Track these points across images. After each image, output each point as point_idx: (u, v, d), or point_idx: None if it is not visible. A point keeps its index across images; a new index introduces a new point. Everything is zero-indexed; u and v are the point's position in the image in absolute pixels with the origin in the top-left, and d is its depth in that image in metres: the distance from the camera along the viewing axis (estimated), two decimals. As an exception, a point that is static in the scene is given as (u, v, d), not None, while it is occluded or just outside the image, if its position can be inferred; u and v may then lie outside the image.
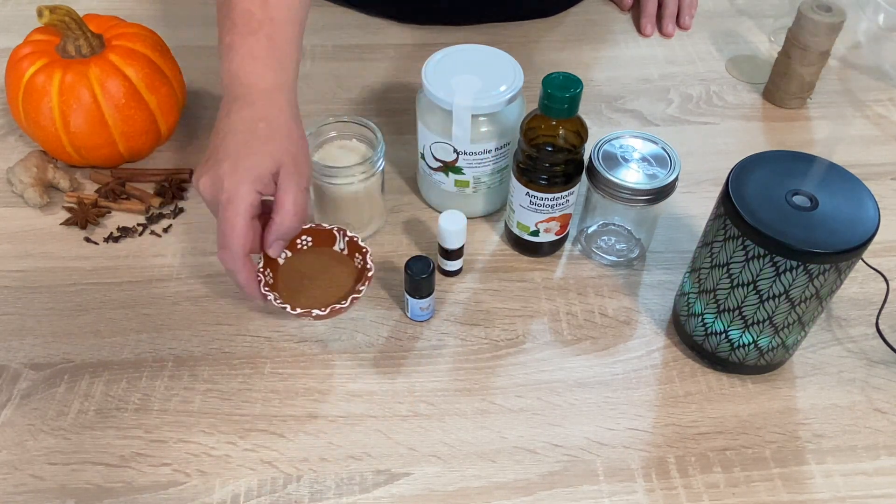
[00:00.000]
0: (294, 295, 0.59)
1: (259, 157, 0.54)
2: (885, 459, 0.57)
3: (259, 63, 0.58)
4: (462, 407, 0.59)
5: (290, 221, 0.56)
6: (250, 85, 0.58)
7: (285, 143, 0.56)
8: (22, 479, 0.54)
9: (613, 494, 0.54)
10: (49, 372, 0.60)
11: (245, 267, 0.55)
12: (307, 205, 0.57)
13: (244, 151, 0.55)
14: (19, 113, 0.70)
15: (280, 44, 0.60)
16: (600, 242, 0.70)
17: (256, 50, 0.58)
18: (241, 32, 0.59)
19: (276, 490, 0.54)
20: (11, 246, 0.69)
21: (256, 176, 0.54)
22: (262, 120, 0.56)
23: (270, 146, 0.55)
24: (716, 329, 0.58)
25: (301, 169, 0.56)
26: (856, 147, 0.81)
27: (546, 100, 0.58)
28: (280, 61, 0.59)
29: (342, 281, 0.60)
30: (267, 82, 0.58)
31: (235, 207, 0.53)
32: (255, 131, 0.56)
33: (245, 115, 0.56)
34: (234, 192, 0.53)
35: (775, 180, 0.53)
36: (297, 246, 0.61)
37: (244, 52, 0.58)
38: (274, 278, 0.59)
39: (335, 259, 0.61)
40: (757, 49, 0.94)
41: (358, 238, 0.60)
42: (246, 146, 0.55)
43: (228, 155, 0.55)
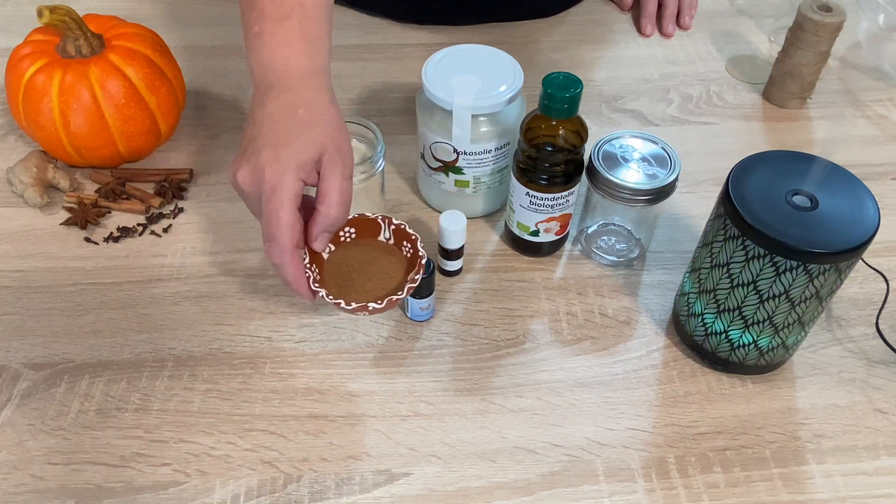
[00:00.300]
0: (343, 290, 0.56)
1: (301, 144, 0.52)
2: (885, 459, 0.57)
3: (293, 49, 0.56)
4: (462, 407, 0.59)
5: (337, 212, 0.53)
6: (286, 71, 0.55)
7: (327, 128, 0.54)
8: (22, 479, 0.54)
9: (613, 494, 0.54)
10: (49, 372, 0.60)
11: (293, 260, 0.52)
12: (352, 193, 0.54)
13: (285, 139, 0.52)
14: (19, 113, 0.70)
15: (312, 29, 0.57)
16: (600, 242, 0.70)
17: (289, 36, 0.56)
18: (270, 19, 0.56)
19: (276, 490, 0.54)
20: (11, 246, 0.69)
21: (299, 163, 0.51)
22: (301, 106, 0.54)
23: (312, 132, 0.53)
24: (716, 329, 0.58)
25: (344, 155, 0.54)
26: (856, 147, 0.81)
27: (546, 100, 0.58)
28: (314, 46, 0.57)
29: (392, 271, 0.57)
30: (302, 67, 0.56)
31: (280, 197, 0.51)
32: (295, 118, 0.53)
33: (282, 101, 0.54)
34: (277, 181, 0.51)
35: (775, 180, 0.53)
36: (341, 238, 0.59)
37: (276, 39, 0.56)
38: (320, 274, 0.57)
39: (382, 249, 0.58)
40: (757, 49, 0.94)
41: (405, 226, 0.57)
42: (286, 133, 0.52)
43: (268, 143, 0.52)
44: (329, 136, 0.53)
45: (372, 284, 0.57)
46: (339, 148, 0.54)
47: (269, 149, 0.52)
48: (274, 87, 0.55)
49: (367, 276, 0.57)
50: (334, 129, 0.54)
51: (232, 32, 0.93)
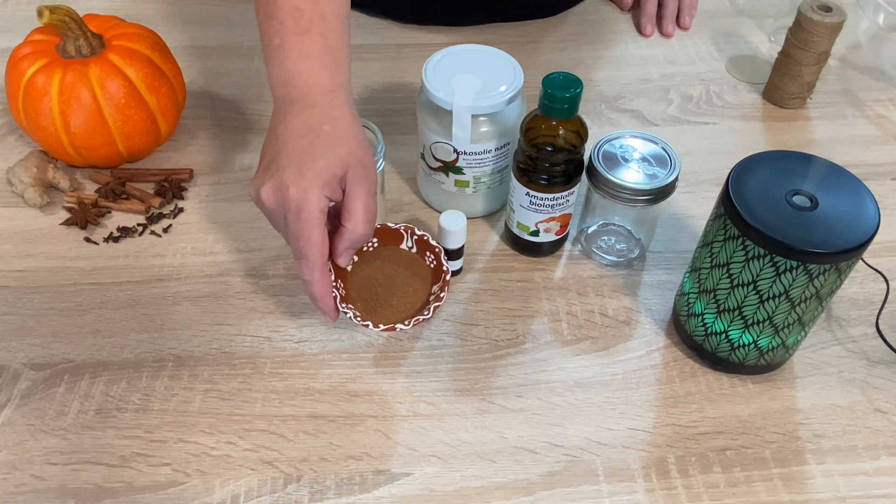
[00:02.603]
0: (369, 305, 0.56)
1: (326, 161, 0.51)
2: (885, 459, 0.57)
3: (314, 63, 0.55)
4: (462, 407, 0.59)
5: (363, 228, 0.53)
6: (308, 87, 0.55)
7: (351, 145, 0.53)
8: (22, 479, 0.54)
9: (613, 494, 0.54)
10: (49, 372, 0.60)
11: (323, 278, 0.53)
12: (377, 210, 0.54)
13: (309, 156, 0.51)
14: (19, 113, 0.70)
15: (333, 42, 0.56)
16: (600, 242, 0.70)
17: (310, 50, 0.55)
18: (291, 32, 0.55)
19: (276, 490, 0.54)
20: (11, 246, 0.69)
21: (325, 181, 0.51)
22: (325, 122, 0.53)
23: (337, 150, 0.52)
24: (716, 329, 0.58)
25: (369, 172, 0.54)
26: (856, 147, 0.81)
27: (546, 100, 0.58)
28: (335, 60, 0.56)
29: (417, 284, 0.58)
30: (325, 83, 0.55)
31: (308, 216, 0.50)
32: (319, 134, 0.53)
33: (306, 118, 0.53)
34: (303, 199, 0.50)
35: (775, 180, 0.53)
36: (364, 249, 0.59)
37: (297, 53, 0.55)
38: (346, 289, 0.57)
39: (406, 260, 0.59)
40: (757, 49, 0.94)
41: (428, 237, 0.57)
42: (311, 150, 0.52)
43: (292, 161, 0.51)
44: (353, 153, 0.53)
45: (397, 300, 0.57)
46: (363, 164, 0.53)
47: (293, 167, 0.51)
48: (296, 103, 0.54)
49: (392, 289, 0.57)
50: (358, 146, 0.54)
51: (232, 32, 0.93)
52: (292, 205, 0.51)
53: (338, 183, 0.52)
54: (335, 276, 0.56)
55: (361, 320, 0.54)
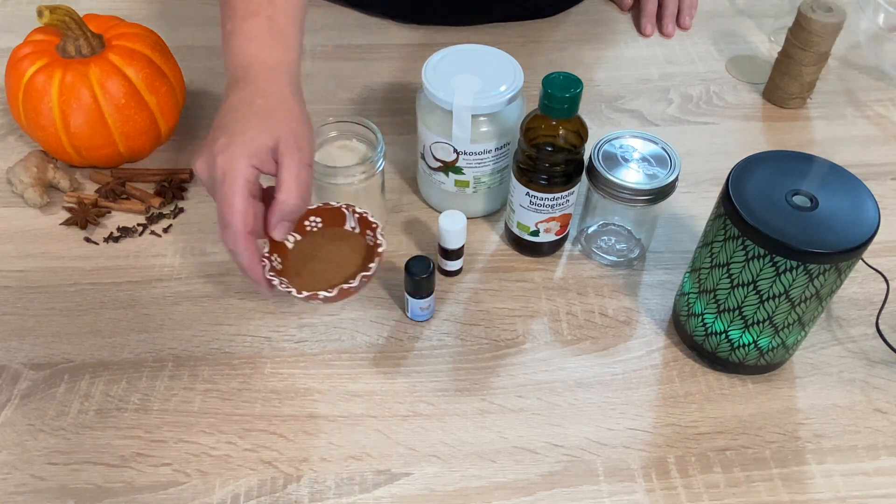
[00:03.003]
0: (303, 279, 0.56)
1: (254, 132, 0.52)
2: (885, 459, 0.57)
3: (258, 44, 0.57)
4: (462, 407, 0.59)
5: (294, 199, 0.52)
6: (249, 66, 0.56)
7: (284, 117, 0.54)
8: (22, 479, 0.54)
9: (613, 494, 0.54)
10: (49, 372, 0.60)
11: (247, 248, 0.52)
12: (311, 182, 0.54)
13: (240, 127, 0.53)
14: (19, 113, 0.70)
15: (280, 25, 0.58)
16: (600, 242, 0.70)
17: (256, 32, 0.57)
18: (241, 17, 0.58)
19: (276, 490, 0.54)
20: (11, 246, 0.69)
21: (252, 150, 0.51)
22: (259, 96, 0.54)
23: (268, 122, 0.53)
24: (716, 329, 0.58)
25: (302, 144, 0.54)
26: (856, 147, 0.81)
27: (546, 100, 0.58)
28: (280, 42, 0.58)
29: (354, 261, 0.57)
30: (266, 62, 0.57)
31: (232, 183, 0.51)
32: (252, 107, 0.54)
33: (244, 93, 0.55)
34: (228, 167, 0.51)
35: (775, 180, 0.53)
36: (307, 228, 0.59)
37: (244, 36, 0.57)
38: (283, 264, 0.57)
39: (346, 238, 0.58)
40: (757, 49, 0.94)
41: (368, 214, 0.57)
42: (242, 122, 0.53)
43: (224, 132, 0.53)
44: (285, 125, 0.53)
45: (331, 274, 0.56)
46: (296, 136, 0.53)
47: (224, 137, 0.52)
48: (238, 81, 0.56)
49: (328, 265, 0.57)
50: (292, 119, 0.54)
51: (232, 32, 0.93)
52: (219, 173, 0.51)
53: (267, 153, 0.52)
54: (273, 251, 0.56)
55: (287, 286, 0.54)
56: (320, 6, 0.98)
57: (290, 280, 0.55)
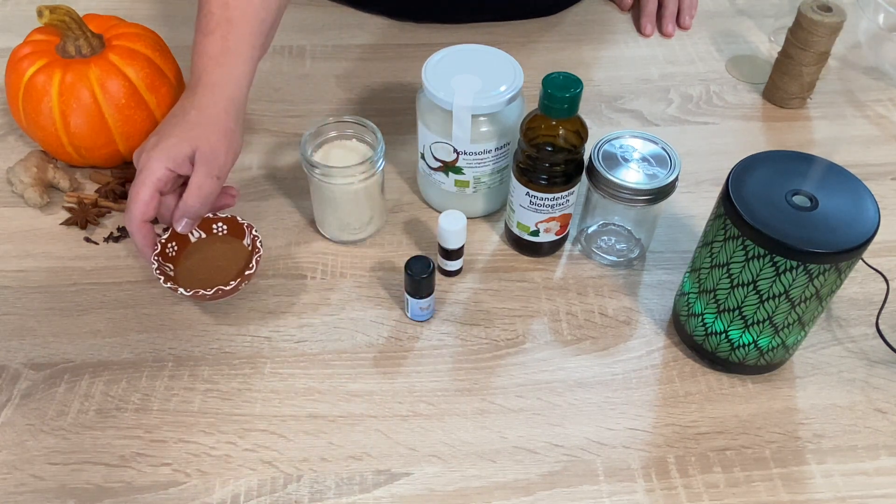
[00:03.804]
0: (190, 274, 0.63)
1: (178, 139, 0.59)
2: (885, 459, 0.57)
3: (209, 60, 0.63)
4: (462, 407, 0.59)
5: (192, 201, 0.60)
6: (199, 79, 0.62)
7: (208, 131, 0.60)
8: (22, 479, 0.54)
9: (613, 494, 0.54)
10: (49, 372, 0.60)
11: (140, 231, 0.60)
12: (213, 191, 0.61)
13: (168, 132, 0.60)
14: (19, 113, 0.70)
15: (233, 44, 0.63)
16: (600, 242, 0.70)
17: (210, 49, 0.63)
18: (202, 32, 0.64)
19: (276, 490, 0.54)
20: (11, 246, 0.69)
21: (171, 155, 0.59)
22: (194, 108, 0.61)
23: (194, 132, 0.60)
24: (716, 329, 0.58)
25: (215, 157, 0.60)
26: (856, 147, 0.81)
27: (546, 100, 0.58)
28: (230, 60, 0.63)
29: (240, 268, 0.64)
30: (212, 77, 0.62)
31: (143, 178, 0.58)
32: (185, 117, 0.61)
33: (185, 102, 0.62)
34: (146, 164, 0.59)
35: (775, 180, 0.53)
36: (213, 231, 0.66)
37: (200, 51, 0.63)
38: (178, 252, 0.64)
39: (240, 251, 0.65)
40: (757, 49, 0.94)
41: (259, 238, 0.64)
42: (173, 128, 0.60)
43: (157, 134, 0.61)
44: (206, 138, 0.60)
45: (214, 275, 0.63)
46: (213, 150, 0.60)
47: (155, 137, 0.61)
48: (187, 91, 0.63)
49: (217, 268, 0.64)
50: (213, 133, 0.61)
51: (232, 32, 0.93)
52: (140, 167, 0.60)
53: (185, 159, 0.59)
54: (173, 239, 0.64)
55: (171, 284, 0.60)
56: (320, 6, 0.98)
57: (179, 269, 0.64)
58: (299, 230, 0.71)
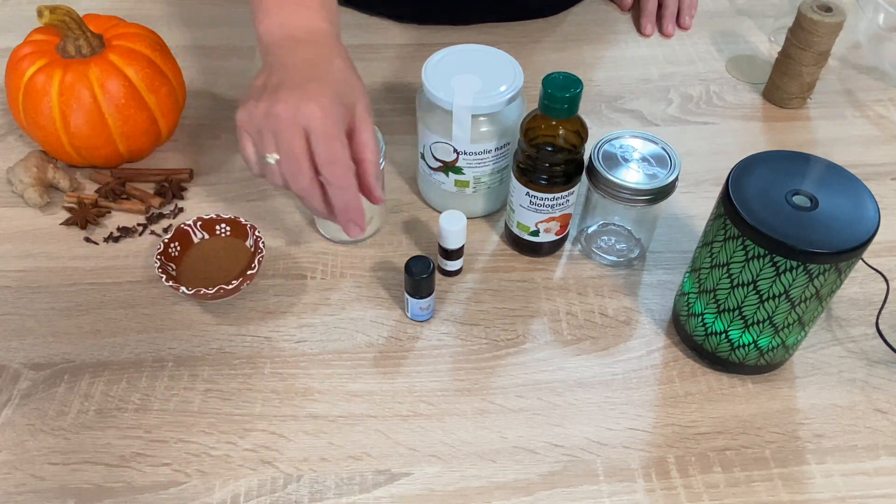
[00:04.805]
0: (193, 273, 0.64)
1: (345, 87, 0.54)
2: (885, 459, 0.57)
3: (313, 13, 0.58)
4: (462, 407, 0.59)
5: (376, 157, 0.55)
6: (311, 30, 0.57)
7: (358, 84, 0.56)
8: (22, 479, 0.54)
9: (613, 494, 0.54)
10: (49, 372, 0.60)
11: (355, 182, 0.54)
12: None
13: (330, 79, 0.53)
14: (19, 113, 0.70)
15: (328, 3, 0.60)
16: (600, 242, 0.70)
17: (313, 4, 0.59)
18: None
19: (276, 490, 0.54)
20: (11, 246, 0.69)
21: (346, 104, 0.53)
22: (335, 58, 0.56)
23: (350, 82, 0.55)
24: (716, 329, 0.58)
25: (370, 110, 0.56)
26: (856, 147, 0.81)
27: (546, 100, 0.58)
28: (331, 13, 0.60)
29: (242, 269, 0.64)
30: (326, 29, 0.58)
31: (337, 123, 0.52)
32: (332, 66, 0.55)
33: (317, 51, 0.56)
34: (330, 109, 0.52)
35: (775, 180, 0.53)
36: (216, 231, 0.66)
37: (295, 4, 0.58)
38: (180, 252, 0.65)
39: (242, 251, 0.65)
40: (757, 49, 0.94)
41: (261, 239, 0.64)
42: (328, 76, 0.54)
43: (310, 80, 0.53)
44: (361, 90, 0.56)
45: (216, 275, 0.63)
46: (366, 101, 0.56)
47: (314, 84, 0.53)
48: (302, 41, 0.57)
49: (216, 267, 0.64)
50: (361, 86, 0.57)
51: (232, 32, 0.93)
52: (317, 114, 0.51)
53: (349, 112, 0.54)
54: (176, 239, 0.65)
55: (173, 283, 0.60)
56: (320, 6, 0.98)
57: (182, 268, 0.64)
58: (299, 230, 0.71)
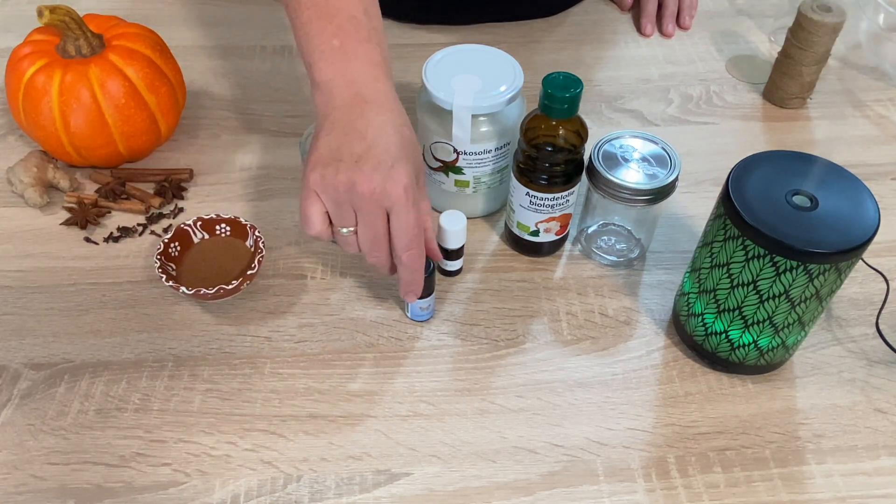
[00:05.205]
0: (193, 273, 0.64)
1: (417, 161, 0.55)
2: (885, 459, 0.57)
3: (379, 70, 0.57)
4: (462, 407, 0.59)
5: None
6: (380, 91, 0.57)
7: (419, 150, 0.57)
8: (22, 479, 0.54)
9: (613, 494, 0.54)
10: (49, 372, 0.60)
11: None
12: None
13: (406, 153, 0.54)
14: (19, 113, 0.70)
15: (385, 55, 0.59)
16: (600, 242, 0.70)
17: (374, 57, 0.58)
18: (353, 38, 0.57)
19: (276, 490, 0.54)
20: (11, 246, 0.69)
21: (418, 177, 0.55)
22: (405, 126, 0.56)
23: (419, 154, 0.56)
24: (716, 329, 0.58)
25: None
26: (856, 147, 0.81)
27: (546, 100, 0.58)
28: (389, 71, 0.59)
29: (238, 269, 0.64)
30: (391, 90, 0.58)
31: (416, 205, 0.54)
32: (404, 136, 0.55)
33: (390, 117, 0.56)
34: (411, 191, 0.53)
35: (775, 180, 0.53)
36: (216, 232, 0.66)
37: (363, 58, 0.57)
38: (181, 252, 0.65)
39: (242, 252, 0.66)
40: (757, 49, 0.94)
41: (262, 239, 0.64)
42: (403, 149, 0.54)
43: (395, 158, 0.53)
44: (422, 158, 0.57)
45: (216, 275, 0.64)
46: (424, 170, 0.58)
47: (399, 164, 0.53)
48: (373, 102, 0.56)
49: (216, 267, 0.64)
50: (420, 153, 0.57)
51: (232, 32, 0.93)
52: (402, 200, 0.53)
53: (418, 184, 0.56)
54: (176, 239, 0.65)
55: (173, 283, 0.61)
56: (320, 6, 0.98)
57: (182, 269, 0.64)
58: (299, 230, 0.71)
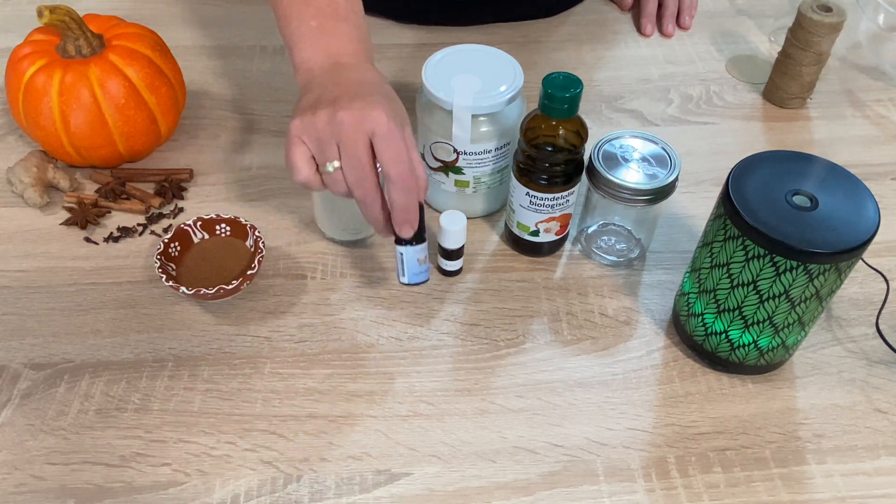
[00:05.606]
0: (193, 273, 0.64)
1: (398, 108, 0.56)
2: (885, 459, 0.57)
3: (358, 46, 0.60)
4: (462, 407, 0.59)
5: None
6: (358, 59, 0.59)
7: (404, 109, 0.58)
8: (22, 479, 0.54)
9: (613, 494, 0.54)
10: (49, 372, 0.60)
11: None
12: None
13: (384, 96, 0.55)
14: (19, 113, 0.70)
15: (364, 34, 0.62)
16: (600, 242, 0.70)
17: (352, 35, 0.61)
18: (332, 18, 0.60)
19: (276, 490, 0.54)
20: (11, 246, 0.69)
21: (401, 121, 0.55)
22: (384, 83, 0.58)
23: (400, 104, 0.57)
24: (716, 329, 0.58)
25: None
26: (856, 147, 0.81)
27: (546, 100, 0.58)
28: (370, 49, 0.62)
29: (238, 270, 0.64)
30: (369, 62, 0.60)
31: (399, 127, 0.54)
32: (383, 87, 0.57)
33: (369, 75, 0.58)
34: (392, 115, 0.54)
35: (775, 180, 0.53)
36: (216, 231, 0.67)
37: (341, 35, 0.60)
38: (181, 252, 0.65)
39: (242, 251, 0.66)
40: (757, 49, 0.94)
41: (262, 239, 0.64)
42: (382, 94, 0.55)
43: (368, 93, 0.54)
44: (406, 115, 0.57)
45: (216, 275, 0.64)
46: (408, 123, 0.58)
47: (374, 96, 0.54)
48: (348, 66, 0.58)
49: (216, 267, 0.65)
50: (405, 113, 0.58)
51: (232, 32, 0.93)
52: (383, 118, 0.53)
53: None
54: (176, 239, 0.65)
55: (173, 283, 0.61)
56: (320, 6, 0.98)
57: (182, 268, 0.64)
58: (299, 230, 0.71)
